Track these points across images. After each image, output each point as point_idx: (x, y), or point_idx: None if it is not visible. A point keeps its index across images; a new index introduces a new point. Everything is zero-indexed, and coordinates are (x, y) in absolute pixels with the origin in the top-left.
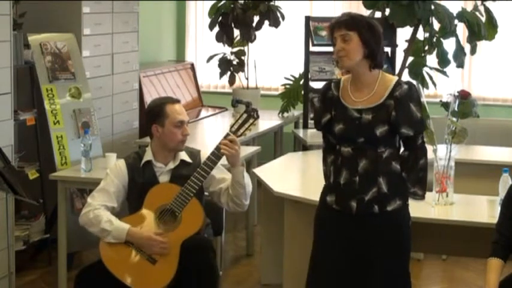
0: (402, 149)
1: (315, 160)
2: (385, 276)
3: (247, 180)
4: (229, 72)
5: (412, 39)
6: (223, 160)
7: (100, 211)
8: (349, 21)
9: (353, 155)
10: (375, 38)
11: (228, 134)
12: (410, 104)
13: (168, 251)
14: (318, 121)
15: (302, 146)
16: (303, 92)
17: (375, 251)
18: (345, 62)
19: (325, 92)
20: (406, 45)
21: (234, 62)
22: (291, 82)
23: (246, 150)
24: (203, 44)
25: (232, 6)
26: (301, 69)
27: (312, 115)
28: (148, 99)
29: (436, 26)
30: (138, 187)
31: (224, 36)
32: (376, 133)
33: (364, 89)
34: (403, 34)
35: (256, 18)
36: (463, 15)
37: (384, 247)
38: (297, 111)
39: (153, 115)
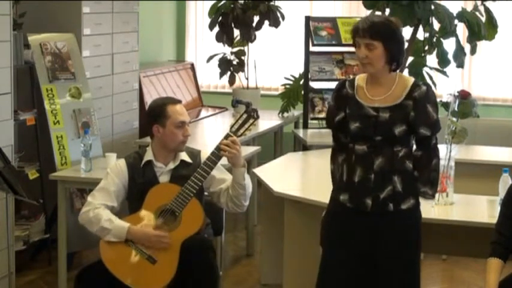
0: (414, 148)
1: (315, 160)
2: (396, 275)
3: (248, 181)
4: (229, 72)
5: (412, 39)
6: (224, 160)
7: (100, 210)
8: (373, 31)
9: (368, 153)
10: (398, 45)
11: (228, 135)
12: (427, 105)
13: (169, 246)
14: (331, 119)
15: (302, 146)
16: (303, 92)
17: (388, 249)
18: (369, 69)
19: (339, 90)
20: (406, 45)
21: (234, 62)
22: (291, 82)
23: (246, 150)
24: (203, 44)
25: (232, 6)
26: (301, 69)
27: (311, 115)
28: (148, 99)
29: (436, 26)
30: (138, 187)
31: (224, 36)
32: (394, 132)
33: (381, 88)
34: (403, 34)
35: (256, 18)
36: (463, 15)
37: (397, 245)
38: (297, 111)
39: (154, 115)
